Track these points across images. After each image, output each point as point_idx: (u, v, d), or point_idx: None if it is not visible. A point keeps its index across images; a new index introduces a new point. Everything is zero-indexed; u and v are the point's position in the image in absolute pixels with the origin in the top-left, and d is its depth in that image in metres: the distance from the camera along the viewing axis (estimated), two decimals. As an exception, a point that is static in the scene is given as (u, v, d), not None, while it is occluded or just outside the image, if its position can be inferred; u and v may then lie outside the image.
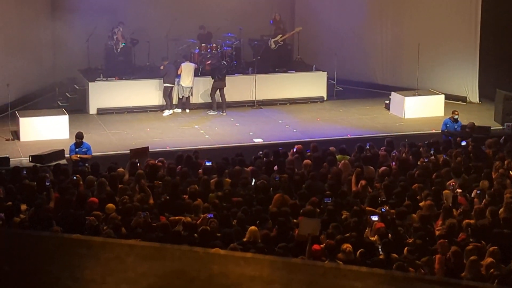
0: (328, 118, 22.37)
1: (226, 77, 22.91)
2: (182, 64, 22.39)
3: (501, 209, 13.03)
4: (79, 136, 17.46)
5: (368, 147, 17.16)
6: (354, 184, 14.72)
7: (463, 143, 17.00)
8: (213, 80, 22.58)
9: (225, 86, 22.54)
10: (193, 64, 22.60)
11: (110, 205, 12.97)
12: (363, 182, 14.35)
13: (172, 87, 22.30)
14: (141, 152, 16.54)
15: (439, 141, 18.13)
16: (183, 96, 22.53)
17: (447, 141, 18.18)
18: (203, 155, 16.88)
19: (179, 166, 15.78)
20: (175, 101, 22.62)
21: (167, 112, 22.27)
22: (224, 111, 22.51)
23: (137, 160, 15.89)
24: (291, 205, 13.20)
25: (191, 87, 22.48)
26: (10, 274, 2.56)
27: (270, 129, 21.14)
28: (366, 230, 12.22)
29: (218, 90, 22.56)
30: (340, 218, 12.76)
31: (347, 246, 11.10)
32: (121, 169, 15.30)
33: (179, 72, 22.31)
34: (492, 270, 10.55)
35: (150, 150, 17.77)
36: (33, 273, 2.60)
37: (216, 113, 22.52)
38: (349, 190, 14.35)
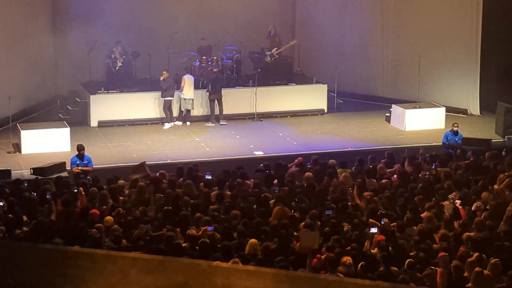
0: (329, 131, 22.38)
1: (227, 90, 23.05)
2: (184, 77, 22.45)
3: (502, 222, 13.03)
4: (82, 148, 17.47)
5: (369, 161, 17.12)
6: (356, 196, 14.72)
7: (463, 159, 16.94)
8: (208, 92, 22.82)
9: (215, 98, 22.75)
10: (192, 77, 22.67)
11: (109, 217, 12.98)
12: (367, 194, 14.35)
13: (172, 100, 22.36)
14: (140, 168, 16.50)
15: (440, 154, 18.12)
16: (185, 109, 22.58)
17: (448, 154, 18.17)
18: (203, 168, 16.89)
19: (181, 179, 15.80)
20: (175, 113, 22.65)
21: (167, 125, 22.30)
22: (214, 122, 22.79)
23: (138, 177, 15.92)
24: (290, 218, 13.21)
25: (192, 99, 22.52)
26: (14, 287, 2.57)
27: (270, 142, 21.15)
28: (366, 243, 12.21)
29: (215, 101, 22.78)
30: (342, 231, 12.77)
31: (347, 259, 11.09)
32: (121, 181, 15.31)
33: (182, 85, 22.36)
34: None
35: (151, 162, 17.84)
36: (36, 286, 2.60)
37: (213, 124, 22.66)
38: (352, 203, 14.34)
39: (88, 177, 16.39)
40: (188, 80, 22.40)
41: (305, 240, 11.52)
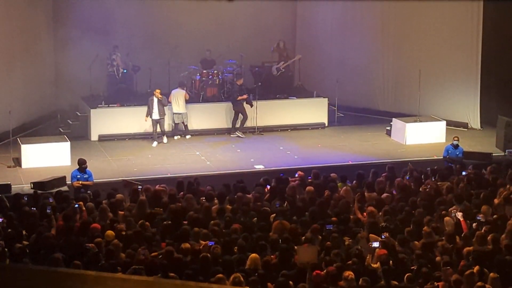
0: (329, 145, 22.36)
1: (228, 103, 23.18)
2: (173, 91, 22.38)
3: (503, 236, 13.00)
4: (83, 162, 17.44)
5: (372, 175, 17.07)
6: (357, 211, 14.69)
7: (464, 173, 16.96)
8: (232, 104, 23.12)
9: (236, 110, 22.97)
10: (183, 91, 22.46)
11: (110, 232, 12.97)
12: (369, 209, 14.32)
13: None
14: (128, 185, 16.51)
15: (440, 167, 18.07)
16: (180, 123, 22.46)
17: (449, 168, 18.14)
18: (204, 182, 16.87)
19: (181, 193, 15.78)
20: (168, 128, 22.53)
21: (165, 139, 22.21)
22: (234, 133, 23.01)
23: (139, 187, 15.91)
24: (290, 230, 13.20)
25: (182, 113, 22.34)
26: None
27: (271, 156, 21.14)
28: (367, 257, 12.19)
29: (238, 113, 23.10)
30: (343, 245, 12.74)
31: (349, 274, 11.07)
32: (120, 195, 15.27)
33: (169, 99, 22.26)
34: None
35: (151, 176, 17.91)
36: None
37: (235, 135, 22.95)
38: (354, 217, 14.31)
39: (88, 192, 16.35)
40: (175, 95, 22.27)
41: (303, 254, 11.50)
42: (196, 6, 24.48)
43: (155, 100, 21.68)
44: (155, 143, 21.93)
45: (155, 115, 21.77)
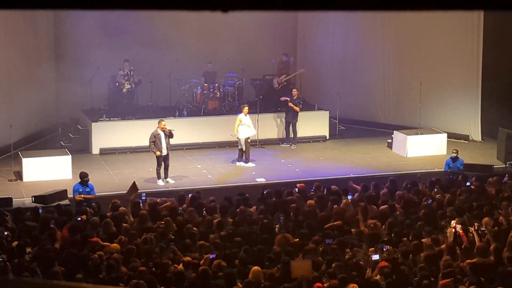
0: (331, 157, 22.35)
1: (229, 117, 23.13)
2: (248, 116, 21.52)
3: (505, 248, 12.97)
4: (85, 175, 17.41)
5: (372, 187, 17.05)
6: (361, 223, 14.65)
7: (468, 183, 16.96)
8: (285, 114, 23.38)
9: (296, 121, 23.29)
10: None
11: (115, 245, 12.96)
12: (371, 222, 14.29)
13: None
14: (133, 188, 16.44)
15: (441, 179, 18.05)
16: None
17: (450, 180, 18.12)
18: (205, 195, 16.85)
19: (184, 205, 15.76)
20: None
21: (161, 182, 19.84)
22: (294, 144, 23.30)
23: (140, 198, 15.90)
24: (293, 244, 13.18)
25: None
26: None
27: (272, 169, 21.12)
28: (368, 270, 12.15)
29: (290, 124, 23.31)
30: (343, 258, 12.71)
31: (353, 286, 11.03)
32: (122, 208, 15.25)
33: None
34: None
35: (153, 190, 17.83)
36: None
37: (287, 145, 23.28)
38: (356, 230, 14.28)
39: (93, 204, 16.28)
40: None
41: (297, 269, 11.44)
42: (197, 19, 24.52)
43: (162, 134, 19.56)
44: (161, 182, 19.70)
45: (164, 151, 19.51)
